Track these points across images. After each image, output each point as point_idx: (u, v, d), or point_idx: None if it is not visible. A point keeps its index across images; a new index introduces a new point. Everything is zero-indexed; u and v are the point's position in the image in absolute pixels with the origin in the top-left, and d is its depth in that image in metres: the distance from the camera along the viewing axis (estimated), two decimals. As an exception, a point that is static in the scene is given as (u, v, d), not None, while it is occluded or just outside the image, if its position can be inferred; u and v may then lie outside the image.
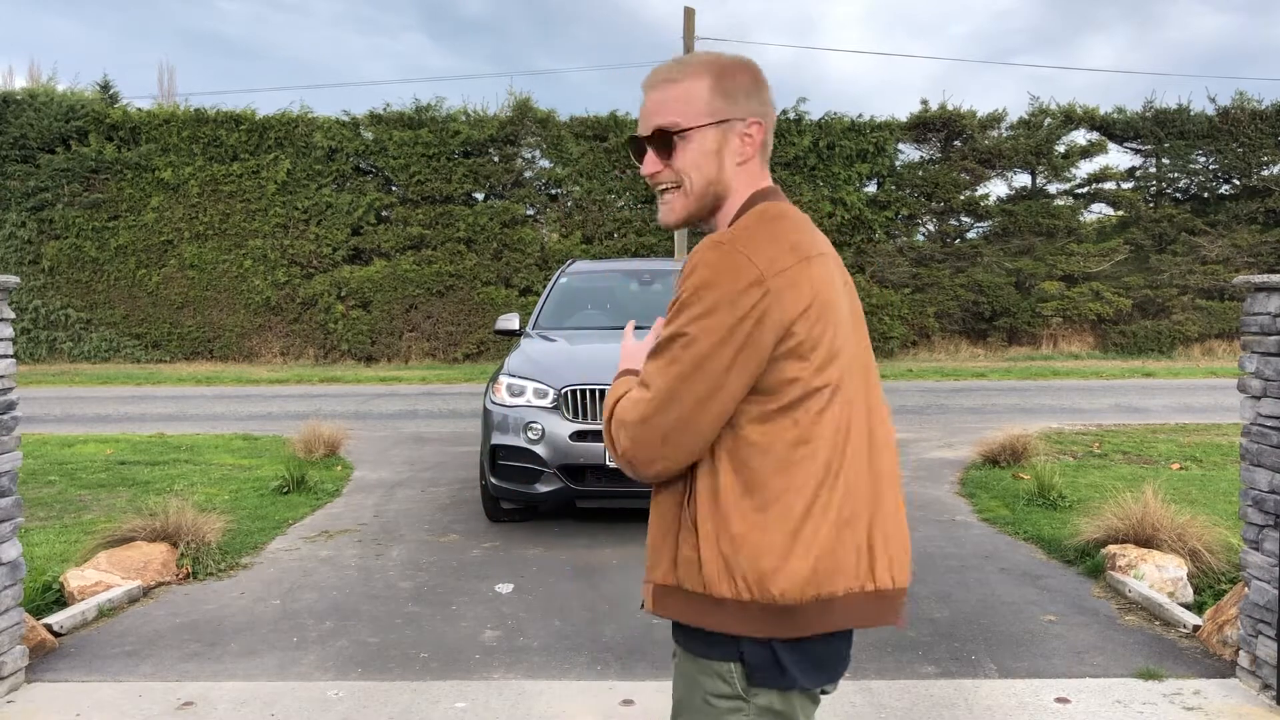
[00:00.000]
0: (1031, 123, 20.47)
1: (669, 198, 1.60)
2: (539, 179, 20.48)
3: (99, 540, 5.25)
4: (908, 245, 20.52)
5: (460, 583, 5.02)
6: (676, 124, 1.55)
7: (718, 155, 1.55)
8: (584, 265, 8.36)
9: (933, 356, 20.08)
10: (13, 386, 3.64)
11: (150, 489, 7.11)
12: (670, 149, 1.56)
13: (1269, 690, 3.44)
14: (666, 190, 1.59)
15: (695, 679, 1.54)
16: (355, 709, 3.48)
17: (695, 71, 1.56)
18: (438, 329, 19.94)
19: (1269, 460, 3.46)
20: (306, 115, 19.90)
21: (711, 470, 1.49)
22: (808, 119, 20.18)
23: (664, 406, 1.45)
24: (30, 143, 19.41)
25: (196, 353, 19.99)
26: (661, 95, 1.57)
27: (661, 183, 1.59)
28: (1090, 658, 3.93)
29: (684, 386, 1.44)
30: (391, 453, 9.07)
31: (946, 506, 6.73)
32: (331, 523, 6.35)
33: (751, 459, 1.47)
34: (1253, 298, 3.55)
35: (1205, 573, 4.82)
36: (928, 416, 11.47)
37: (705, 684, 1.52)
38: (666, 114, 1.56)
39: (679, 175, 1.56)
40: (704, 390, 1.44)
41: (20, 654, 3.66)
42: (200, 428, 10.88)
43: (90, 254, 19.69)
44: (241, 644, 4.16)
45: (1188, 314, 20.18)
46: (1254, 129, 20.08)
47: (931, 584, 4.93)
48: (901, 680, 3.71)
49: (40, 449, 9.04)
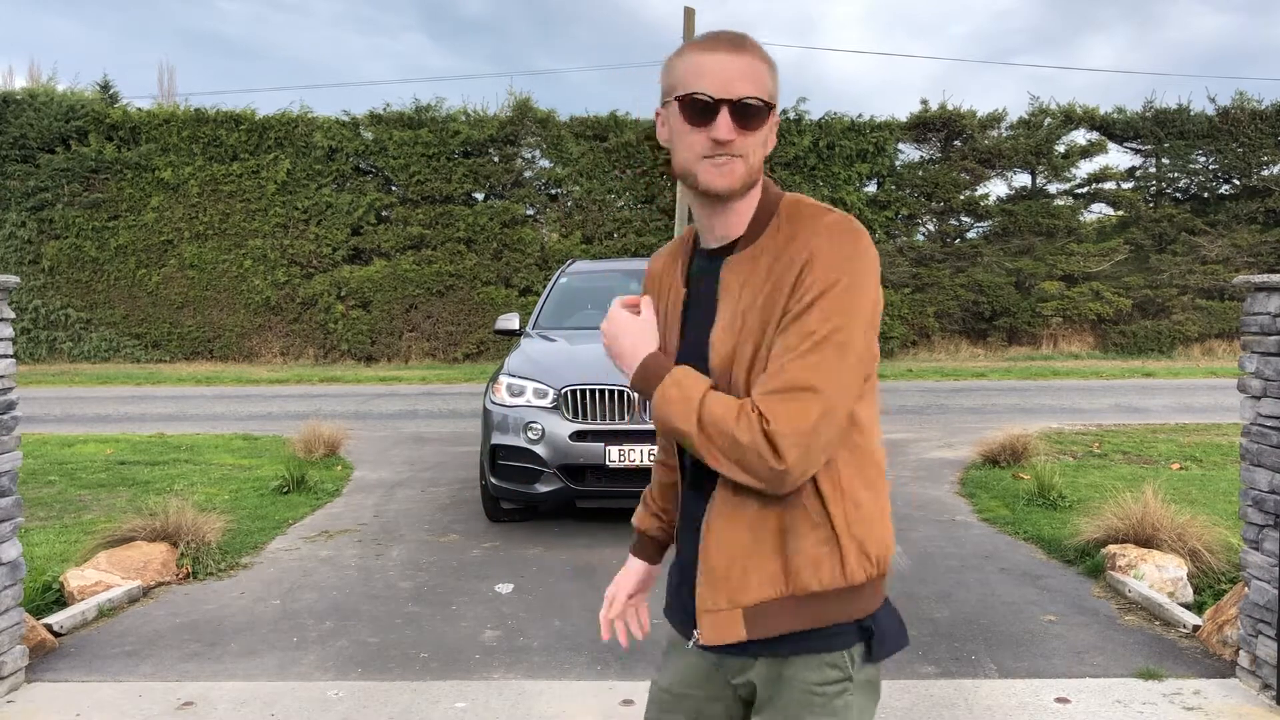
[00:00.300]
0: (1031, 123, 20.47)
1: (731, 162, 1.47)
2: (539, 179, 20.48)
3: (99, 540, 5.24)
4: (908, 245, 20.52)
5: (460, 583, 5.01)
6: (771, 97, 1.50)
7: (767, 140, 1.53)
8: (584, 265, 8.36)
9: (933, 356, 20.08)
10: (13, 386, 3.64)
11: (150, 489, 7.11)
12: (755, 121, 1.48)
13: (1269, 690, 3.44)
14: (728, 157, 1.48)
15: (788, 680, 1.50)
16: (355, 709, 3.48)
17: (765, 54, 1.52)
18: (438, 329, 19.95)
19: (1269, 460, 3.46)
20: (306, 115, 19.91)
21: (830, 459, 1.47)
22: (808, 119, 20.18)
23: (835, 407, 1.40)
24: (30, 143, 19.41)
25: (196, 353, 19.99)
26: (754, 65, 1.48)
27: (731, 152, 1.48)
28: (1090, 658, 3.93)
29: (849, 380, 1.41)
30: (391, 453, 9.07)
31: (946, 506, 6.73)
32: (331, 523, 6.35)
33: (857, 438, 1.49)
34: (1253, 298, 3.55)
35: (1205, 573, 4.82)
36: (928, 416, 11.47)
37: (808, 678, 1.49)
38: (762, 85, 1.48)
39: (746, 149, 1.48)
40: (857, 381, 1.43)
41: (20, 654, 3.66)
42: (200, 428, 10.88)
43: (90, 254, 19.69)
44: (241, 644, 4.16)
45: (1188, 314, 20.19)
46: (1254, 129, 20.08)
47: (931, 584, 4.93)
48: (901, 680, 3.71)
49: (40, 449, 9.04)
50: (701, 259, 1.59)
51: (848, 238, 1.44)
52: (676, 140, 1.52)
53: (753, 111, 1.46)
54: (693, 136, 1.48)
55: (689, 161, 1.49)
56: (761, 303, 1.46)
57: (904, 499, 6.93)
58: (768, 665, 1.51)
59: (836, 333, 1.40)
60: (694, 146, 1.48)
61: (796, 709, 1.48)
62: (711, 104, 1.45)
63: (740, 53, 1.47)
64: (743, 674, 1.55)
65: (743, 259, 1.51)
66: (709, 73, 1.46)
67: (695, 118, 1.47)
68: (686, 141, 1.49)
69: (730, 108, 1.45)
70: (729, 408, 1.41)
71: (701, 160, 1.48)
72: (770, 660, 1.51)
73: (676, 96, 1.49)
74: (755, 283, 1.48)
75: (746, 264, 1.50)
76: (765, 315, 1.45)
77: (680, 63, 1.50)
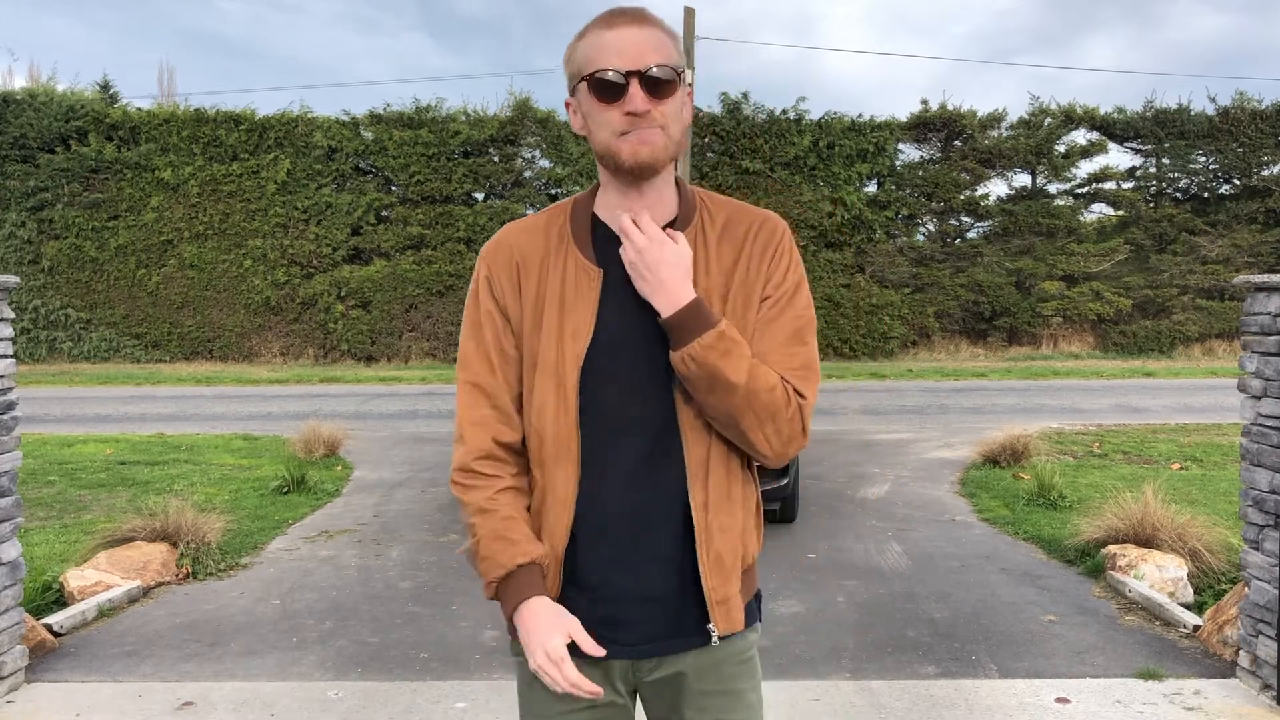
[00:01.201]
0: (1031, 123, 20.47)
1: (650, 132, 1.44)
2: (539, 179, 20.47)
3: (99, 540, 5.24)
4: (908, 245, 20.51)
5: (460, 583, 5.01)
6: (676, 64, 1.46)
7: (683, 110, 1.51)
8: None
9: (933, 356, 20.07)
10: (13, 386, 3.64)
11: (150, 489, 7.10)
12: (667, 90, 1.45)
13: (1269, 690, 3.44)
14: (647, 128, 1.44)
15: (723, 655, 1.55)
16: (355, 709, 3.48)
17: (667, 26, 1.50)
18: (438, 329, 19.94)
19: (1269, 460, 3.46)
20: (306, 115, 19.90)
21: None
22: (808, 119, 20.17)
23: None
24: (30, 143, 19.41)
25: (196, 353, 19.99)
26: (657, 35, 1.46)
27: (649, 124, 1.45)
28: (1090, 658, 3.93)
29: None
30: (391, 453, 9.07)
31: (946, 506, 6.73)
32: (331, 523, 6.35)
33: None
34: (1253, 298, 3.55)
35: (1205, 573, 4.82)
36: (928, 416, 11.47)
37: (737, 645, 1.56)
38: (668, 54, 1.45)
39: (663, 119, 1.45)
40: None
41: (20, 654, 3.66)
42: (200, 428, 10.88)
43: (90, 254, 19.69)
44: (241, 644, 4.15)
45: (1188, 314, 20.18)
46: (1254, 129, 20.07)
47: (931, 584, 4.93)
48: (901, 680, 3.71)
49: (40, 449, 9.04)
50: (611, 238, 1.51)
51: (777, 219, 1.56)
52: (591, 123, 1.48)
53: (663, 81, 1.44)
54: (607, 114, 1.44)
55: (607, 141, 1.46)
56: (735, 290, 1.49)
57: (904, 499, 6.93)
58: (698, 651, 1.52)
59: (812, 320, 1.53)
60: (610, 124, 1.44)
61: (730, 680, 1.54)
62: (622, 80, 1.42)
63: (643, 25, 1.46)
64: (663, 669, 1.53)
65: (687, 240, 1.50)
66: (614, 49, 1.43)
67: (606, 95, 1.44)
68: (601, 120, 1.45)
69: (640, 79, 1.42)
70: (770, 373, 1.45)
71: (620, 137, 1.44)
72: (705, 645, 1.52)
73: (584, 77, 1.46)
74: (722, 267, 1.50)
75: (695, 246, 1.50)
76: (743, 301, 1.49)
77: (582, 45, 1.48)
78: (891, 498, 6.99)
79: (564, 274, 1.50)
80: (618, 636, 1.49)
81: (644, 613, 1.50)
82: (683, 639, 1.51)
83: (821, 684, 3.66)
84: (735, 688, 1.55)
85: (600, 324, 1.47)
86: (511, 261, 1.53)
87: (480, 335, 1.53)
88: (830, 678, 3.74)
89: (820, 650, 4.03)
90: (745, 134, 19.91)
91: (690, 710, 1.54)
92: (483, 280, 1.54)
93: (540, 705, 1.56)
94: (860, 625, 4.33)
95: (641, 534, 1.48)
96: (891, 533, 5.98)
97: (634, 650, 1.50)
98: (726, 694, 1.54)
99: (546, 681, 1.42)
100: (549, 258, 1.52)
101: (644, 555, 1.49)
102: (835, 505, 6.76)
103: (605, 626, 1.48)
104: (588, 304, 1.48)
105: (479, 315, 1.54)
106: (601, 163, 1.50)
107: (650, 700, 1.58)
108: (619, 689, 1.55)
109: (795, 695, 3.53)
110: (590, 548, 1.49)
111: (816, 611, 4.52)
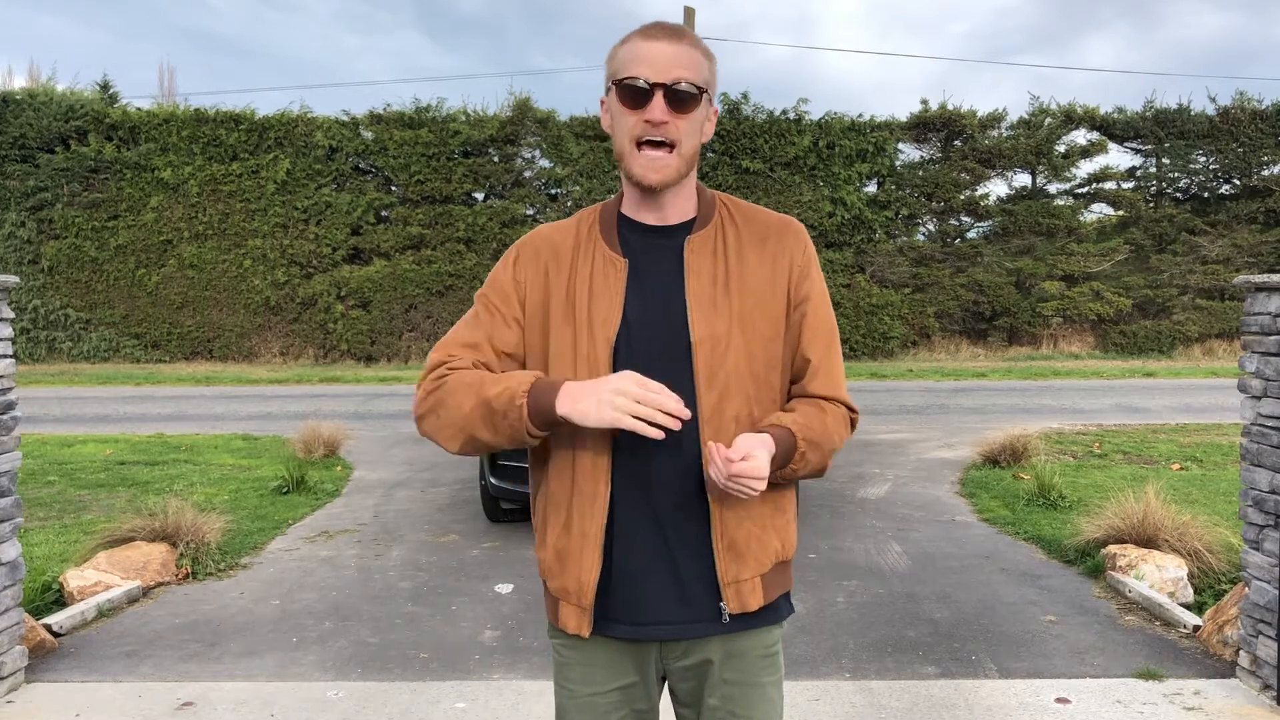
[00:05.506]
0: (1031, 122, 20.46)
1: (662, 156, 1.53)
2: (539, 179, 20.47)
3: (98, 540, 5.24)
4: (908, 245, 20.51)
5: (460, 583, 5.01)
6: (704, 83, 1.55)
7: (702, 127, 1.59)
8: None
9: (933, 356, 20.07)
10: (12, 386, 3.63)
11: (150, 489, 7.10)
12: (688, 106, 1.53)
13: (1269, 690, 3.44)
14: (660, 146, 1.53)
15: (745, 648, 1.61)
16: (355, 709, 3.48)
17: (704, 46, 1.60)
18: (438, 329, 19.93)
19: (1269, 460, 3.46)
20: (306, 115, 19.90)
21: None
22: (807, 119, 20.17)
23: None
24: (30, 142, 19.41)
25: (196, 353, 19.99)
26: (691, 53, 1.54)
27: (663, 136, 1.53)
28: (1090, 658, 3.93)
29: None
30: (391, 453, 9.06)
31: (947, 506, 6.73)
32: (331, 523, 6.35)
33: None
34: (1253, 298, 3.55)
35: (1206, 573, 4.82)
36: (928, 416, 11.47)
37: (762, 640, 1.63)
38: (697, 72, 1.54)
39: (679, 133, 1.53)
40: None
41: (20, 654, 3.66)
42: (200, 428, 10.88)
43: (90, 254, 19.68)
44: (241, 644, 4.15)
45: (1188, 314, 20.18)
46: (1254, 129, 20.07)
47: (932, 584, 4.93)
48: (901, 680, 3.70)
49: (40, 449, 9.04)
50: (635, 233, 1.61)
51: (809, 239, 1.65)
52: (615, 124, 1.58)
53: (686, 96, 1.52)
54: (628, 119, 1.53)
55: (624, 145, 1.55)
56: (753, 288, 1.57)
57: (904, 499, 6.93)
58: (724, 640, 1.59)
59: (835, 327, 1.67)
60: (630, 129, 1.53)
61: (754, 672, 1.62)
62: (647, 88, 1.51)
63: (678, 41, 1.54)
64: (690, 655, 1.60)
65: (705, 238, 1.59)
66: (646, 59, 1.52)
67: (631, 100, 1.53)
68: (623, 123, 1.55)
69: (664, 91, 1.51)
70: (835, 419, 1.60)
71: (636, 145, 1.54)
72: (731, 634, 1.59)
73: (614, 81, 1.56)
74: (742, 266, 1.58)
75: (710, 243, 1.59)
76: (767, 313, 1.57)
77: (621, 50, 1.57)
78: (891, 498, 6.99)
79: (593, 265, 1.60)
80: (641, 617, 1.57)
81: (662, 592, 1.57)
82: (703, 623, 1.57)
83: (821, 684, 3.66)
84: (758, 680, 1.62)
85: (626, 310, 1.57)
86: (542, 252, 1.64)
87: (476, 321, 1.63)
88: (830, 678, 3.74)
89: (820, 650, 4.03)
90: (745, 134, 19.91)
91: (713, 698, 1.62)
92: (510, 260, 1.65)
93: (574, 684, 1.63)
94: (860, 625, 4.33)
95: (665, 516, 1.56)
96: (891, 533, 5.98)
97: (656, 630, 1.57)
98: (750, 685, 1.62)
99: (638, 411, 1.41)
100: (579, 250, 1.62)
101: (670, 538, 1.56)
102: (835, 505, 6.76)
103: (628, 608, 1.56)
104: (615, 292, 1.58)
105: (482, 304, 1.63)
106: (619, 165, 1.60)
107: (677, 686, 1.66)
108: (647, 673, 1.63)
109: (795, 695, 3.53)
110: (620, 531, 1.57)
111: (816, 611, 4.52)
